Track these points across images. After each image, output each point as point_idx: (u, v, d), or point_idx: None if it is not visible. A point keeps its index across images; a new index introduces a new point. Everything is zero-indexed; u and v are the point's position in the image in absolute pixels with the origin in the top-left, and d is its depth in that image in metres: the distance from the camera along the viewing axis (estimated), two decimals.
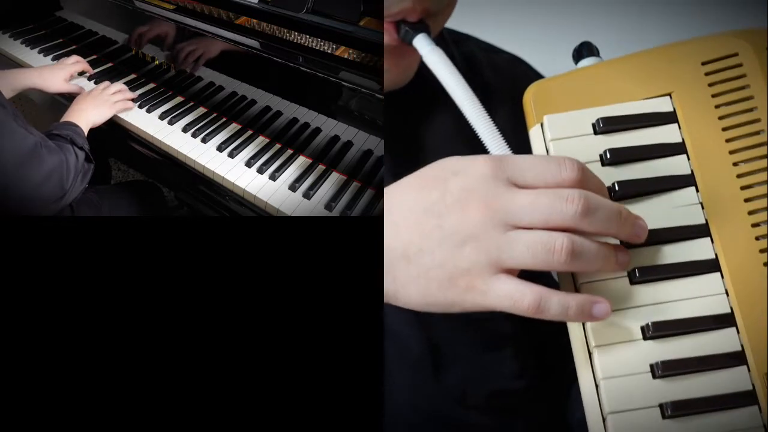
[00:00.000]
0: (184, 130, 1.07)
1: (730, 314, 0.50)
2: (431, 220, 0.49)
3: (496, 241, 0.48)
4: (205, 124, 1.08)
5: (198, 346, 0.61)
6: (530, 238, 0.48)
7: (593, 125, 0.55)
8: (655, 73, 0.57)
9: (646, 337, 0.50)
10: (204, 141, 1.04)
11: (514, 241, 0.48)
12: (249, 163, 0.98)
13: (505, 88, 0.74)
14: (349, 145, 0.95)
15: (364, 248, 0.59)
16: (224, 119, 1.09)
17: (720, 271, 0.51)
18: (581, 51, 0.61)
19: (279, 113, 1.03)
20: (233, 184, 0.96)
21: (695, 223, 0.52)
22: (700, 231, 0.52)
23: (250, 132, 1.05)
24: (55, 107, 1.25)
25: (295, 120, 1.01)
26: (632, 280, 0.51)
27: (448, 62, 0.60)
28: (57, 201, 0.92)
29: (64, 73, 1.17)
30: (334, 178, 0.96)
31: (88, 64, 1.23)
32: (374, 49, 0.91)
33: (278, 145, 1.02)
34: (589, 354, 0.50)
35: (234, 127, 1.07)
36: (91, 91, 1.11)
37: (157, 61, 1.20)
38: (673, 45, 0.57)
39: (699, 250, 0.52)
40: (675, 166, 0.54)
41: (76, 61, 1.21)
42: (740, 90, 0.54)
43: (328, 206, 0.90)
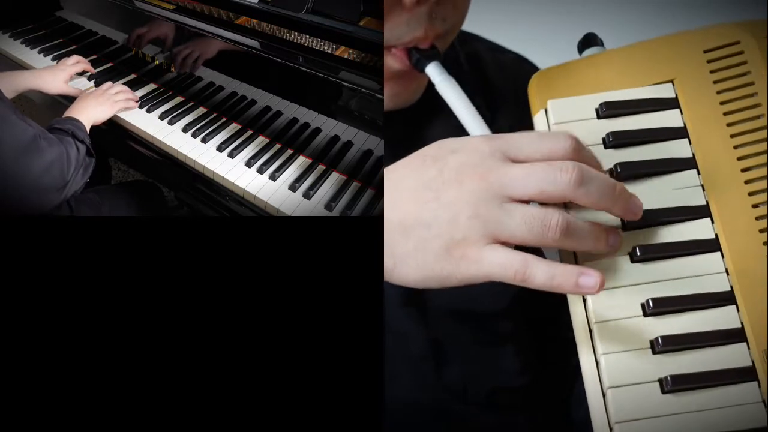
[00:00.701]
0: (184, 130, 1.07)
1: (730, 292, 0.51)
2: (429, 194, 0.50)
3: (493, 213, 0.49)
4: (205, 124, 1.08)
5: (198, 346, 0.61)
6: (526, 212, 0.49)
7: (596, 110, 0.56)
8: (658, 61, 0.58)
9: (646, 314, 0.50)
10: (204, 141, 1.04)
11: (510, 214, 0.49)
12: (249, 163, 0.98)
13: (510, 88, 0.75)
14: (349, 145, 0.95)
15: (364, 248, 0.59)
16: (224, 119, 1.09)
17: (720, 251, 0.52)
18: (586, 42, 0.62)
19: (279, 113, 1.03)
20: (233, 184, 0.96)
21: (696, 204, 0.53)
22: (701, 212, 0.53)
23: (250, 132, 1.05)
24: (55, 107, 1.25)
25: (295, 120, 1.01)
26: (633, 258, 0.52)
27: (460, 92, 0.62)
28: (58, 192, 0.92)
29: (64, 75, 1.17)
30: (334, 178, 0.96)
31: (89, 63, 1.23)
32: (374, 49, 0.91)
33: (278, 145, 1.02)
34: (589, 331, 0.51)
35: (234, 127, 1.07)
36: (94, 90, 1.11)
37: (157, 61, 1.20)
38: (675, 34, 0.59)
39: (699, 230, 0.52)
40: (676, 150, 0.55)
41: (76, 62, 1.21)
42: (741, 77, 0.55)
43: (328, 206, 0.90)
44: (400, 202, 0.51)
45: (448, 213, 0.49)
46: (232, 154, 1.01)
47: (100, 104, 1.07)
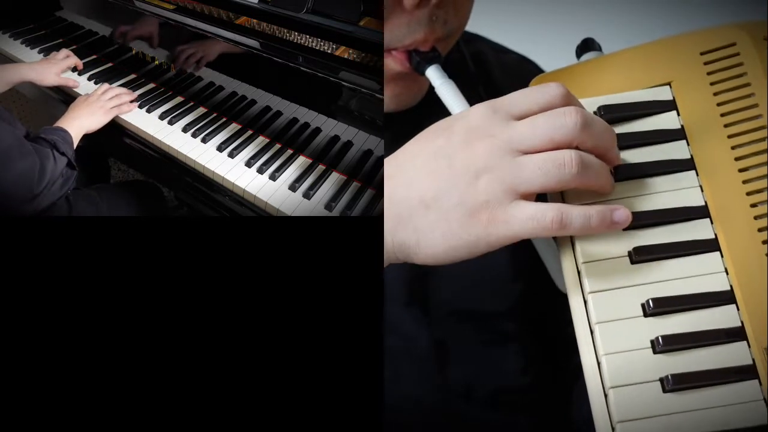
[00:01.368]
0: (184, 130, 1.07)
1: (730, 291, 0.51)
2: (441, 162, 0.50)
3: (508, 168, 0.49)
4: (205, 124, 1.08)
5: (198, 346, 0.61)
6: (540, 158, 0.49)
7: (594, 113, 0.56)
8: (655, 63, 0.58)
9: (646, 314, 0.50)
10: (204, 141, 1.04)
11: (524, 165, 0.49)
12: (249, 163, 0.98)
13: (513, 88, 0.75)
14: (349, 145, 0.95)
15: (364, 248, 0.59)
16: (224, 119, 1.09)
17: (720, 251, 0.52)
18: (584, 46, 0.63)
19: (279, 113, 1.03)
20: (233, 184, 0.96)
21: (695, 204, 0.53)
22: (700, 212, 0.53)
23: (250, 132, 1.05)
24: (47, 102, 1.25)
25: (295, 120, 1.01)
26: (633, 260, 0.52)
27: (459, 95, 0.62)
28: (28, 203, 0.91)
29: (56, 68, 1.17)
30: (334, 178, 0.96)
31: (77, 57, 1.23)
32: (374, 49, 0.91)
33: (278, 145, 1.02)
34: (590, 331, 0.51)
35: (234, 127, 1.07)
36: (89, 96, 1.10)
37: (157, 61, 1.20)
38: (672, 37, 0.59)
39: (699, 230, 0.53)
40: (675, 151, 0.55)
41: (66, 56, 1.21)
42: (738, 77, 0.55)
43: (328, 206, 0.90)
44: (416, 178, 0.51)
45: (465, 177, 0.49)
46: (232, 154, 1.01)
47: (93, 113, 1.06)
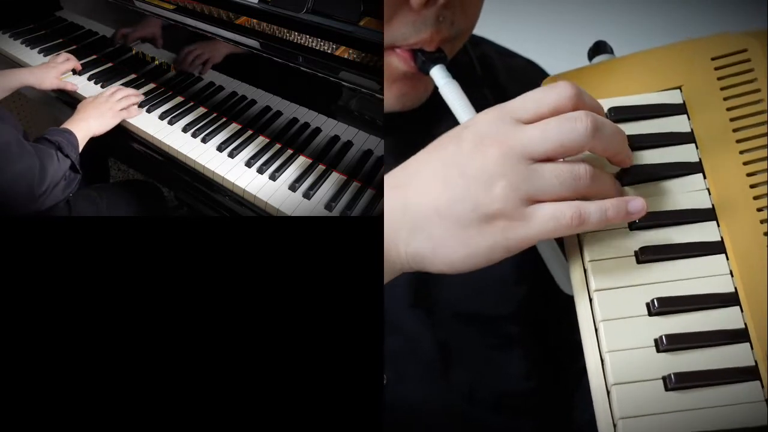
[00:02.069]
0: (184, 130, 1.07)
1: (734, 293, 0.51)
2: (453, 170, 0.50)
3: (523, 175, 0.49)
4: (205, 124, 1.08)
5: (198, 347, 0.61)
6: (555, 167, 0.49)
7: (605, 115, 0.57)
8: (666, 67, 0.59)
9: (651, 313, 0.51)
10: (204, 141, 1.04)
11: (540, 173, 0.49)
12: (249, 163, 0.98)
13: (519, 91, 0.75)
14: (349, 145, 0.95)
15: (364, 248, 0.59)
16: (224, 119, 1.09)
17: (725, 253, 0.52)
18: (596, 49, 0.63)
19: (279, 113, 1.03)
20: (233, 184, 0.96)
21: (702, 207, 0.54)
22: (707, 215, 0.53)
23: (250, 132, 1.05)
24: (49, 103, 1.25)
25: (295, 120, 1.01)
26: (639, 259, 0.52)
27: (464, 97, 0.61)
28: (28, 204, 0.91)
29: (56, 71, 1.17)
30: (334, 178, 0.96)
31: (77, 60, 1.23)
32: (374, 49, 0.91)
33: (278, 145, 1.02)
34: (595, 328, 0.51)
35: (234, 127, 1.07)
36: (97, 97, 1.10)
37: (157, 61, 1.20)
38: (684, 42, 0.59)
39: (705, 232, 0.53)
40: (683, 154, 0.56)
41: (66, 59, 1.21)
42: (748, 83, 0.56)
43: (328, 206, 0.90)
44: (428, 187, 0.51)
45: (479, 184, 0.49)
46: (232, 154, 1.01)
47: (101, 115, 1.06)
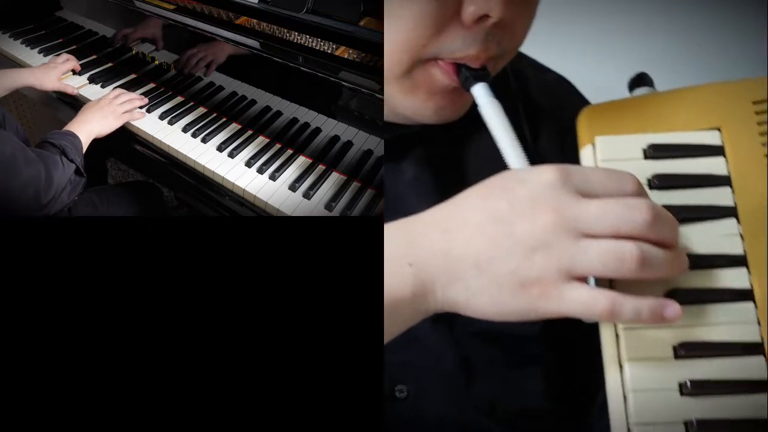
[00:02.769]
0: (184, 130, 1.07)
1: (760, 344, 0.51)
2: (501, 227, 0.49)
3: (568, 249, 0.48)
4: (205, 124, 1.08)
5: (198, 347, 0.61)
6: (601, 247, 0.48)
7: (644, 150, 0.57)
8: (707, 107, 0.58)
9: (677, 356, 0.51)
10: (204, 141, 1.04)
11: (585, 250, 0.48)
12: (249, 163, 0.98)
13: (552, 107, 0.74)
14: (349, 145, 0.95)
15: (364, 248, 0.59)
16: (224, 119, 1.09)
17: (754, 302, 0.52)
18: (637, 81, 0.63)
19: (279, 113, 1.03)
20: (233, 184, 0.96)
21: (734, 252, 0.53)
22: (738, 261, 0.53)
23: (250, 132, 1.06)
24: (50, 104, 1.25)
25: (295, 120, 1.01)
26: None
27: (504, 118, 0.60)
28: (35, 212, 0.90)
29: (56, 72, 1.18)
30: (334, 178, 0.96)
31: (77, 61, 1.23)
32: (374, 49, 0.91)
33: (278, 145, 1.02)
34: (620, 366, 0.51)
35: (234, 127, 1.07)
36: (100, 100, 1.10)
37: (157, 61, 1.20)
38: (725, 83, 0.59)
39: (735, 279, 0.53)
40: (719, 197, 0.55)
41: (66, 60, 1.21)
42: None
43: (328, 206, 0.90)
44: (473, 239, 0.50)
45: (522, 248, 0.49)
46: (232, 154, 1.01)
47: (105, 117, 1.06)
